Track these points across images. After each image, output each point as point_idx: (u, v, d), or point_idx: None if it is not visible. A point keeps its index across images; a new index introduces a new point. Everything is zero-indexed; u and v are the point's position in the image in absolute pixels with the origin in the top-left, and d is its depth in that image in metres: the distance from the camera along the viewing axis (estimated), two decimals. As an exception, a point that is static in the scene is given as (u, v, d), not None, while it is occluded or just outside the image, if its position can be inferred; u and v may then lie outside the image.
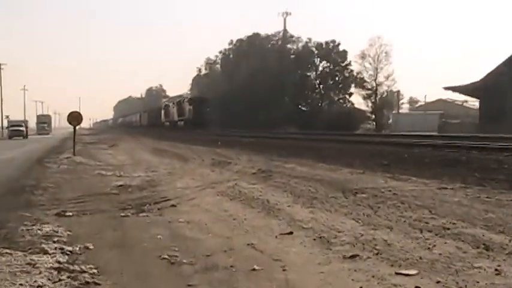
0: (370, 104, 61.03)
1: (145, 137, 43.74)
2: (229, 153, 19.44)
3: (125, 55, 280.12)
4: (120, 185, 11.02)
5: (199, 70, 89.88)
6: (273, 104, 63.56)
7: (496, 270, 4.56)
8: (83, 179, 12.81)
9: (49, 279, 4.58)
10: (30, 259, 5.15)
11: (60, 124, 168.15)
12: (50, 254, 5.38)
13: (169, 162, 17.02)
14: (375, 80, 59.73)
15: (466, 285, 4.23)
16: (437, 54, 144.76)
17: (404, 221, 6.61)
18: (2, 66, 78.06)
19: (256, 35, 76.10)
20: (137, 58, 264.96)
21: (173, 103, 71.24)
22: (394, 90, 63.44)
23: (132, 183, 11.44)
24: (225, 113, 68.76)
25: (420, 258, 4.99)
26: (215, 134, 39.69)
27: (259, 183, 10.87)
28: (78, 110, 22.96)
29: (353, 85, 65.47)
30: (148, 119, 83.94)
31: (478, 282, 4.29)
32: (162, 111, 74.33)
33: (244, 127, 56.02)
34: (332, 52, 67.94)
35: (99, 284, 4.52)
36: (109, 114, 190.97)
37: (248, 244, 5.76)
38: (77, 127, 23.34)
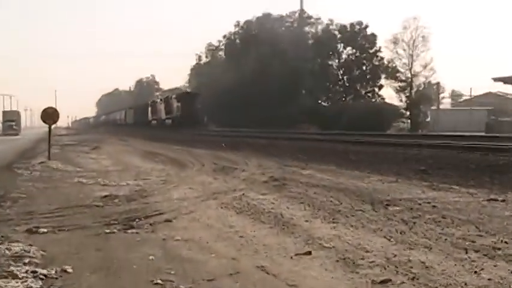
0: (404, 99, 60.78)
1: (134, 137, 43.83)
2: (235, 157, 19.45)
3: (111, 39, 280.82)
4: (105, 196, 11.02)
5: (199, 58, 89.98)
6: (288, 99, 63.40)
7: (557, 299, 4.52)
8: (59, 188, 12.83)
9: (19, 308, 4.58)
10: (-3, 284, 5.16)
11: (32, 123, 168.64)
12: (20, 279, 5.38)
13: (163, 168, 17.05)
14: (410, 69, 59.54)
15: (521, 317, 4.20)
16: (486, 39, 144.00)
17: (446, 239, 6.57)
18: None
19: (267, 16, 76.02)
20: (126, 43, 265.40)
21: (160, 99, 74.14)
22: (433, 81, 63.22)
23: (119, 193, 11.44)
24: (230, 109, 68.80)
25: (465, 284, 4.96)
26: (218, 134, 39.74)
27: (271, 193, 10.86)
28: (53, 106, 22.96)
29: (383, 76, 65.23)
30: (134, 116, 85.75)
31: (535, 313, 4.26)
32: (149, 108, 76.58)
33: (253, 125, 56.00)
34: (358, 36, 67.69)
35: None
36: (91, 111, 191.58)
37: (258, 266, 5.75)
38: (53, 126, 23.38)
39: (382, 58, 65.66)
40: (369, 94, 67.57)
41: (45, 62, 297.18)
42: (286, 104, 62.70)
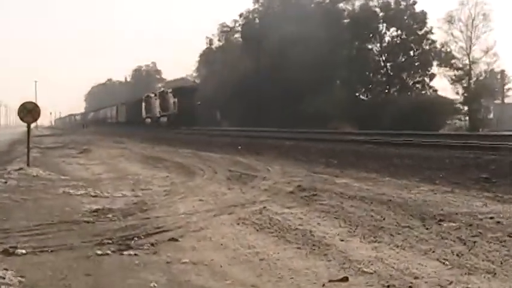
0: (461, 91, 60.43)
1: (131, 138, 44.01)
2: (255, 163, 19.44)
3: (104, 22, 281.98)
4: (96, 210, 11.04)
5: (210, 42, 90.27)
6: (318, 91, 63.16)
7: None
8: (41, 200, 12.84)
9: None
10: (-34, 317, 5.19)
11: (8, 120, 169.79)
12: (-7, 311, 5.41)
13: (167, 176, 17.07)
14: (468, 55, 59.24)
15: None
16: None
17: (514, 263, 6.53)
18: None
19: (293, -11, 76.02)
20: (122, 27, 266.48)
21: (155, 94, 78.30)
22: (497, 70, 62.79)
23: (114, 206, 11.47)
24: (248, 104, 68.79)
25: (538, 318, 4.92)
26: (233, 134, 39.74)
27: (298, 206, 10.85)
28: (33, 101, 23.03)
29: (436, 63, 64.81)
30: (127, 114, 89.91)
31: None
32: (143, 104, 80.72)
33: (275, 124, 55.99)
34: (405, 14, 67.46)
35: None
36: (79, 107, 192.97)
37: (282, 296, 5.74)
38: (33, 125, 23.48)
39: (434, 41, 65.34)
40: (418, 85, 67.15)
41: (23, 49, 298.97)
42: (315, 97, 62.42)
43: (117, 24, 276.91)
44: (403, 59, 67.42)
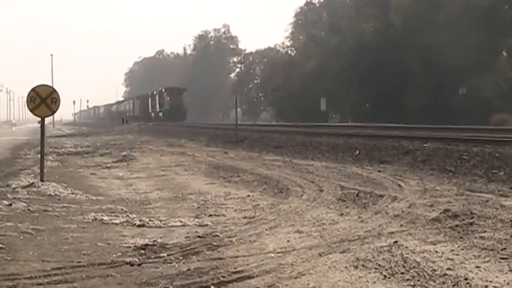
0: None
1: (194, 139, 44.37)
2: (379, 175, 19.45)
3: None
4: (144, 246, 11.16)
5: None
6: (473, 68, 62.03)
7: None
8: (62, 231, 12.96)
9: None
10: None
11: (12, 113, 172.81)
12: None
13: (247, 196, 17.10)
14: None
15: None
16: None
17: None
18: None
19: None
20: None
21: (156, 92, 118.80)
22: None
23: (170, 241, 11.58)
24: (369, 88, 68.50)
25: None
26: (345, 133, 39.57)
27: (446, 241, 10.81)
28: (49, 84, 22.85)
29: None
30: (140, 108, 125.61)
31: None
32: (149, 100, 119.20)
33: (410, 118, 55.65)
34: None
35: None
36: (117, 92, 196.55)
37: None
38: (48, 120, 23.74)
39: None
40: None
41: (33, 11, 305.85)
42: (472, 77, 61.46)
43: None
44: None
